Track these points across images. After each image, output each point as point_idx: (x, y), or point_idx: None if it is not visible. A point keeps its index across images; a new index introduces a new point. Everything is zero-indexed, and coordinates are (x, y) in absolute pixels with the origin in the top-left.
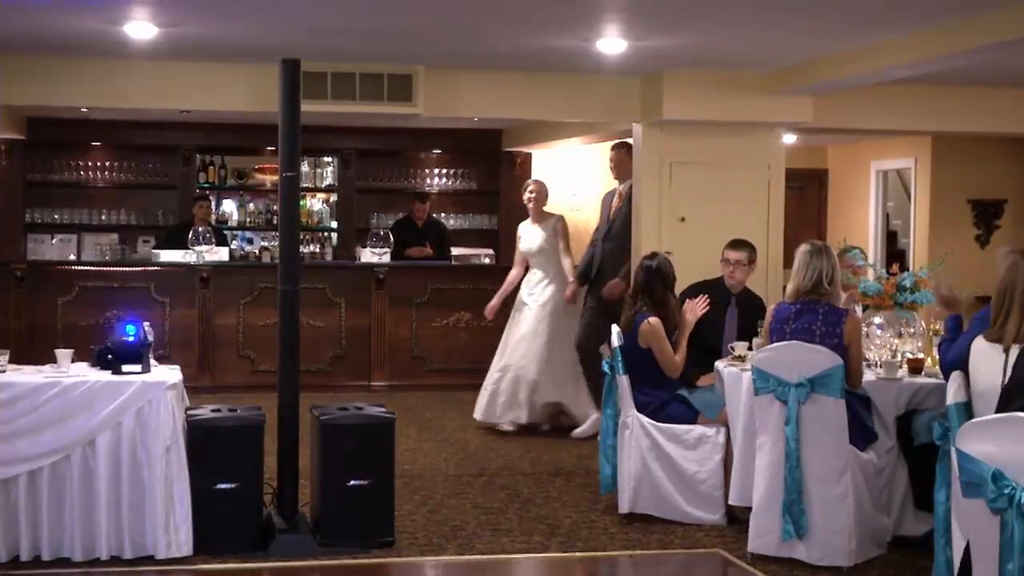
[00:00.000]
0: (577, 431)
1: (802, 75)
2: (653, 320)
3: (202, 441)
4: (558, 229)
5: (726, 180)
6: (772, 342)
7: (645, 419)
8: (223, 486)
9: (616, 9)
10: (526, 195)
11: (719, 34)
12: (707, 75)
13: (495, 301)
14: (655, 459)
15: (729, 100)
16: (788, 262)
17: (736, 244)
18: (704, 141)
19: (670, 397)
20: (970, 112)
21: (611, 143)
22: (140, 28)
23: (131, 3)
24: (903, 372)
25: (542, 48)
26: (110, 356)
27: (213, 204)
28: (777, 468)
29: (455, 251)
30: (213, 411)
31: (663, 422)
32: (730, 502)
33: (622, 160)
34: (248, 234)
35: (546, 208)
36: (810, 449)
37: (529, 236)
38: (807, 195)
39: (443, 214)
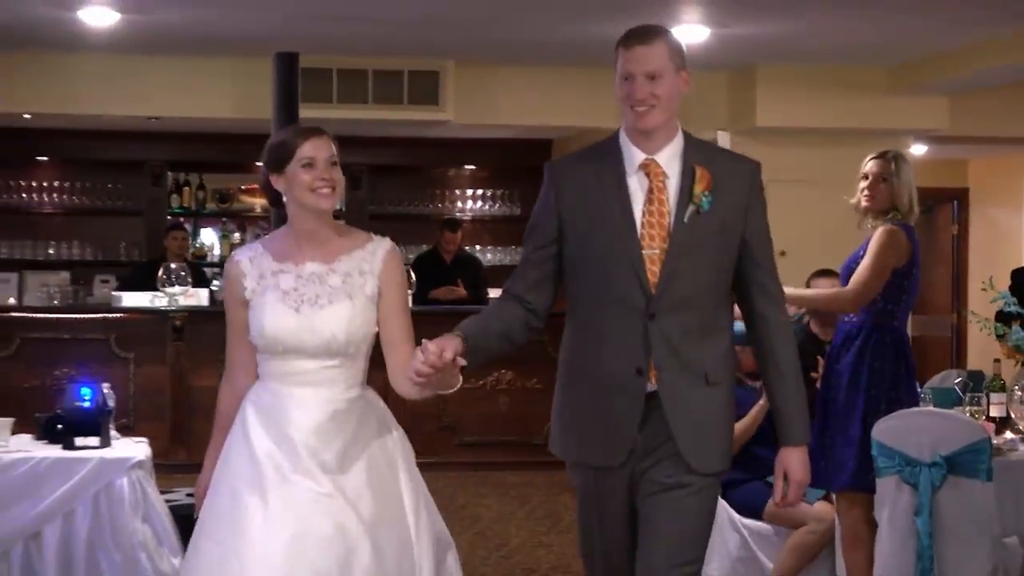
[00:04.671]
0: None
1: (935, 70)
2: None
3: (180, 534)
4: None
5: (837, 203)
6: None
7: (735, 513)
8: None
9: None
10: None
11: (827, 19)
12: (812, 71)
13: None
14: (744, 563)
15: (840, 102)
16: (919, 307)
17: (825, 272)
18: (809, 154)
19: (752, 477)
20: None
21: None
22: (98, 14)
23: None
24: None
25: (602, 37)
26: (60, 426)
27: (189, 234)
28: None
29: (493, 292)
30: (190, 495)
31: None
32: None
33: None
34: None
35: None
36: (947, 547)
37: None
38: (939, 222)
39: (478, 246)
